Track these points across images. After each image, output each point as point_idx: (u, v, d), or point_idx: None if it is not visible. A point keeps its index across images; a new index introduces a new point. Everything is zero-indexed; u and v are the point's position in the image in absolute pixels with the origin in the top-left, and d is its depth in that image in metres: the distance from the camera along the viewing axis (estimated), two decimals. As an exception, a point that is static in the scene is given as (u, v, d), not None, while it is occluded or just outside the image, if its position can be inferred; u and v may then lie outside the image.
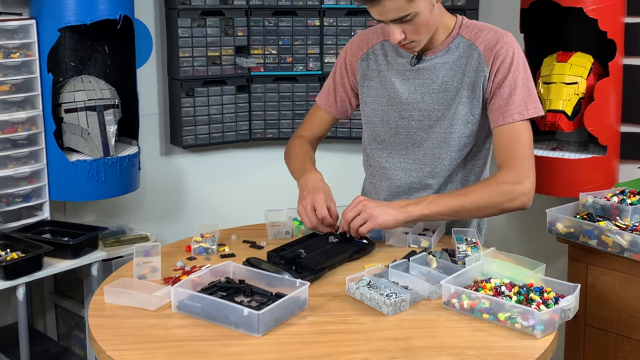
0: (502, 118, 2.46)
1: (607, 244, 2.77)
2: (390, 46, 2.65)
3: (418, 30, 2.42)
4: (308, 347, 1.90)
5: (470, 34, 2.55)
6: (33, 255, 3.15)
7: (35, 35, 3.40)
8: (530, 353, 1.87)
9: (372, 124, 2.71)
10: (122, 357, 1.86)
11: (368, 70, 2.69)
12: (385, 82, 2.65)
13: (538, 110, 2.48)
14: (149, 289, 2.16)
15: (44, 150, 3.50)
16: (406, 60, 2.61)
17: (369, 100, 2.70)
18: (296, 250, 2.35)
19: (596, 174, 3.40)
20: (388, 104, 2.65)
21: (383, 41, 2.67)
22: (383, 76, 2.65)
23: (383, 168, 2.72)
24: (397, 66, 2.62)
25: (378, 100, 2.67)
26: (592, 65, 3.40)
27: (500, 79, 2.47)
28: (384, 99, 2.65)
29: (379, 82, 2.67)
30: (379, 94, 2.67)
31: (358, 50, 2.72)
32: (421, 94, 2.58)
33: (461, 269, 2.20)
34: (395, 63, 2.63)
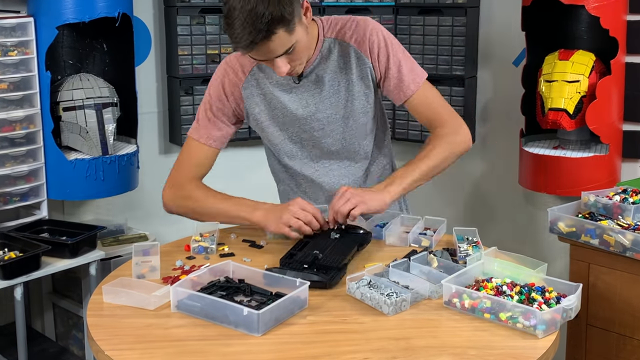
0: (403, 94, 2.60)
1: (609, 243, 2.77)
2: (266, 69, 2.60)
3: (300, 55, 2.43)
4: (308, 347, 1.90)
5: (335, 32, 2.59)
6: (31, 255, 3.15)
7: (34, 33, 3.41)
8: (531, 353, 1.87)
9: (276, 145, 2.69)
10: (121, 357, 1.86)
11: (255, 97, 2.63)
12: (275, 103, 2.62)
13: (424, 72, 2.64)
14: (147, 288, 2.16)
15: (42, 149, 3.50)
16: (288, 78, 2.58)
17: (265, 124, 2.66)
18: (310, 252, 2.33)
19: (598, 173, 3.40)
20: (284, 123, 2.64)
21: (258, 65, 2.60)
22: (270, 98, 2.62)
23: (307, 178, 2.73)
24: (281, 86, 2.60)
25: (274, 122, 2.65)
26: (594, 63, 3.40)
27: (384, 62, 2.57)
28: (279, 119, 2.64)
29: (269, 105, 2.63)
30: (272, 115, 2.64)
31: (237, 78, 2.63)
32: (314, 105, 2.60)
33: (462, 268, 2.20)
34: (278, 83, 2.60)
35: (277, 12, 2.24)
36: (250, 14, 2.22)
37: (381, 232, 2.57)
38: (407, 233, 2.55)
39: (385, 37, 2.58)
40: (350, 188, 2.47)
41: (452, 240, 2.52)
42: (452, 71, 3.98)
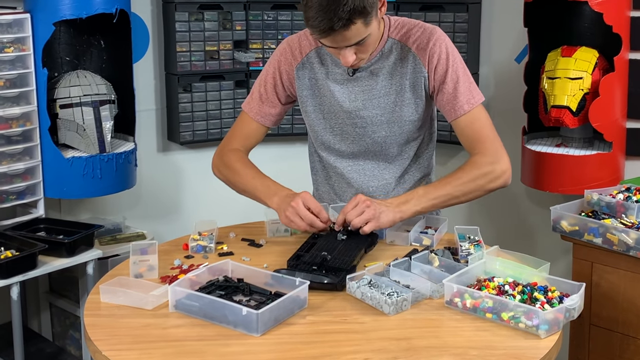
0: (454, 112, 2.55)
1: (612, 242, 2.77)
2: (322, 55, 2.64)
3: (368, 48, 2.45)
4: (308, 347, 1.90)
5: (400, 35, 2.59)
6: (27, 254, 3.15)
7: (30, 29, 3.40)
8: (534, 353, 1.87)
9: (316, 132, 2.72)
10: (118, 357, 1.86)
11: (306, 80, 2.66)
12: (324, 91, 2.64)
13: (481, 95, 2.60)
14: (145, 287, 2.16)
15: (39, 147, 3.49)
16: (342, 69, 2.61)
17: (309, 109, 2.69)
18: (318, 254, 2.32)
19: (601, 171, 3.40)
20: (330, 112, 2.66)
21: (316, 48, 2.65)
22: (321, 85, 2.64)
23: (339, 172, 2.74)
24: (335, 75, 2.62)
25: (319, 109, 2.67)
26: (597, 60, 3.40)
27: (441, 75, 2.55)
28: (325, 107, 2.66)
29: (318, 91, 2.66)
30: (319, 102, 2.67)
31: (293, 58, 2.67)
32: (362, 101, 2.61)
33: (464, 267, 2.20)
34: (333, 72, 2.62)
35: (359, 3, 2.27)
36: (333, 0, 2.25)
37: (382, 231, 2.57)
38: (408, 232, 2.55)
39: (448, 49, 2.56)
40: (367, 199, 2.43)
41: (454, 239, 2.52)
42: (454, 68, 3.98)
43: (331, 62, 2.63)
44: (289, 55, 2.68)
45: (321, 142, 2.73)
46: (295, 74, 2.67)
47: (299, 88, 2.68)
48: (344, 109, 2.63)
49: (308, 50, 2.66)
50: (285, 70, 2.69)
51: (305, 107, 2.70)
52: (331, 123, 2.67)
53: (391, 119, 2.62)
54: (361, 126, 2.64)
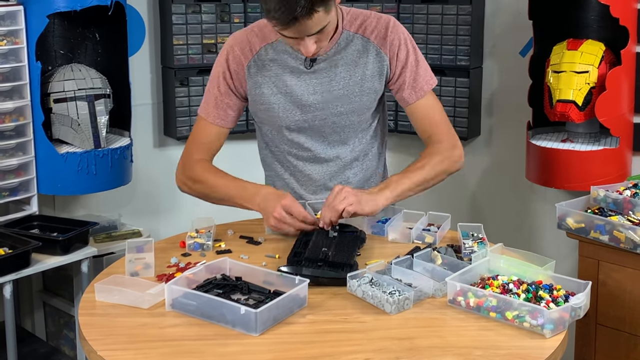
0: (415, 94, 2.66)
1: (619, 239, 2.77)
2: (276, 51, 2.64)
3: (327, 36, 2.48)
4: (308, 347, 1.90)
5: (356, 26, 2.64)
6: (21, 252, 3.15)
7: (23, 22, 3.40)
8: (539, 353, 1.87)
9: (274, 130, 2.72)
10: (114, 357, 1.86)
11: (257, 77, 2.65)
12: (279, 86, 2.64)
13: (435, 79, 2.73)
14: (141, 286, 2.16)
15: (32, 142, 3.50)
16: (299, 62, 2.62)
17: (264, 107, 2.67)
18: (318, 250, 2.32)
19: (608, 167, 3.40)
20: (286, 108, 2.66)
21: (266, 45, 2.64)
22: (276, 80, 2.64)
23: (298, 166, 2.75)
24: (291, 69, 2.63)
25: (275, 107, 2.66)
26: (603, 53, 3.39)
27: (403, 60, 2.64)
28: (281, 103, 2.65)
29: (273, 87, 2.64)
30: (275, 100, 2.65)
31: (242, 56, 2.65)
32: (321, 94, 2.63)
33: (467, 265, 2.20)
34: (288, 66, 2.63)
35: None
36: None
37: (383, 228, 2.57)
38: (410, 229, 2.55)
39: (406, 35, 2.66)
40: (346, 187, 2.47)
41: (457, 236, 2.52)
42: (457, 62, 3.98)
43: (286, 56, 2.63)
44: (238, 53, 2.65)
45: (280, 137, 2.72)
46: (246, 72, 2.65)
47: (251, 87, 2.66)
48: (302, 103, 2.64)
49: (259, 47, 2.65)
50: (234, 69, 2.66)
51: (258, 104, 2.68)
52: (288, 120, 2.67)
53: (351, 109, 2.66)
54: (321, 118, 2.66)
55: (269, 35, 2.63)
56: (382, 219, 2.64)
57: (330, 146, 2.72)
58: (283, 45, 2.61)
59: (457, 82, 4.01)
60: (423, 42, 4.04)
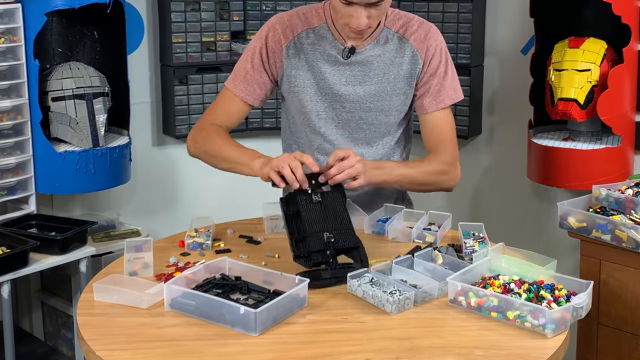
0: (435, 104, 2.69)
1: (621, 239, 2.77)
2: (316, 36, 2.66)
3: (380, 15, 2.53)
4: (307, 347, 1.90)
5: (397, 27, 2.68)
6: (18, 251, 3.15)
7: (21, 20, 3.40)
8: (540, 353, 1.87)
9: (300, 114, 2.72)
10: (112, 357, 1.86)
11: (294, 59, 2.67)
12: (314, 72, 2.67)
13: (461, 94, 2.76)
14: (140, 286, 2.16)
15: (30, 141, 3.49)
16: (336, 52, 2.65)
17: (296, 90, 2.69)
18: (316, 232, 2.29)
19: (610, 166, 3.40)
20: (317, 94, 2.68)
21: (308, 29, 2.67)
22: (312, 66, 2.66)
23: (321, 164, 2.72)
24: (328, 57, 2.66)
25: (306, 90, 2.68)
26: (605, 51, 3.39)
27: (434, 67, 2.68)
28: (312, 88, 2.68)
29: (308, 72, 2.67)
30: (307, 84, 2.68)
31: (282, 36, 2.68)
32: (353, 86, 2.66)
33: (468, 265, 2.20)
34: (325, 54, 2.66)
35: None
36: None
37: (384, 227, 2.57)
38: (411, 228, 2.55)
39: (443, 45, 2.71)
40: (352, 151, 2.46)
41: (458, 235, 2.52)
42: (458, 59, 3.97)
43: (325, 43, 2.65)
44: (279, 34, 2.68)
45: (305, 125, 2.73)
46: (284, 52, 2.67)
47: (287, 67, 2.68)
48: (334, 92, 2.66)
49: (299, 31, 2.67)
50: (272, 48, 2.69)
51: (291, 86, 2.70)
52: (317, 106, 2.69)
53: (380, 107, 2.68)
54: (349, 110, 2.68)
55: (312, 20, 2.66)
56: (382, 218, 2.64)
57: (354, 143, 2.72)
58: (325, 32, 2.64)
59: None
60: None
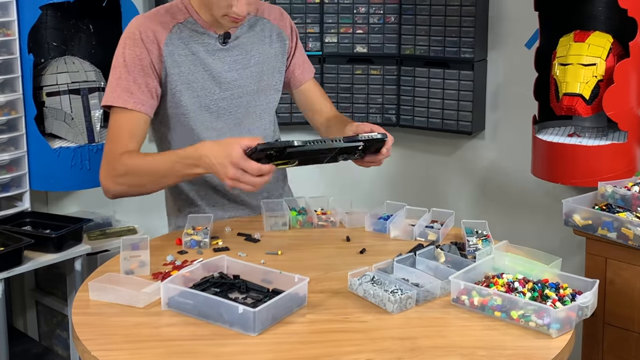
0: (309, 72, 2.95)
1: (627, 236, 2.77)
2: (187, 28, 2.63)
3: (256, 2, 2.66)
4: (307, 347, 1.90)
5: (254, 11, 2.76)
6: (12, 249, 3.15)
7: (15, 13, 3.40)
8: (545, 353, 1.87)
9: (187, 113, 2.65)
10: (108, 357, 1.86)
11: (175, 56, 2.60)
12: (197, 65, 2.64)
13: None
14: (137, 285, 2.16)
15: (24, 137, 3.49)
16: (212, 39, 2.68)
17: (182, 88, 2.62)
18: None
19: (616, 162, 3.39)
20: (205, 87, 2.66)
21: (177, 24, 2.63)
22: (192, 59, 2.63)
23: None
24: (206, 46, 2.67)
25: (193, 86, 2.64)
26: (611, 45, 3.39)
27: (295, 42, 2.89)
28: (199, 82, 2.65)
29: (191, 67, 2.63)
30: (193, 79, 2.64)
31: (157, 35, 2.58)
32: (237, 71, 2.72)
33: (471, 263, 2.20)
34: (203, 43, 2.66)
35: None
36: None
37: (385, 225, 2.57)
38: (413, 226, 2.55)
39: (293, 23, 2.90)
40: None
41: (461, 233, 2.52)
42: (461, 54, 3.97)
43: (198, 35, 2.64)
44: (151, 34, 2.58)
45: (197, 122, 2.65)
46: (164, 50, 2.58)
47: (170, 65, 2.59)
48: (220, 81, 2.68)
49: (171, 26, 2.62)
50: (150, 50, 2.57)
51: (176, 85, 2.61)
52: (207, 100, 2.67)
53: (259, 88, 2.77)
54: (237, 96, 2.72)
55: (177, 15, 2.64)
56: (383, 215, 2.64)
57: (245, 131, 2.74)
58: (193, 25, 2.64)
59: (460, 75, 4.00)
60: (426, 33, 4.04)
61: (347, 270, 2.21)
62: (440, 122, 4.08)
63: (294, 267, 2.24)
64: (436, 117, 4.05)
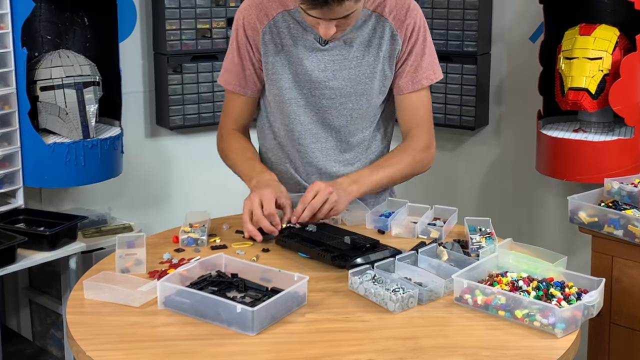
0: (412, 84, 2.69)
1: (634, 234, 2.77)
2: (292, 19, 2.65)
3: (350, 23, 2.50)
4: (307, 347, 1.90)
5: (375, 5, 2.65)
6: (5, 247, 3.15)
7: (8, 6, 3.39)
8: (550, 354, 1.87)
9: (280, 103, 2.72)
10: (103, 357, 1.86)
11: (272, 45, 2.67)
12: (291, 58, 2.66)
13: (440, 73, 2.76)
14: (132, 283, 2.16)
15: (18, 132, 3.49)
16: (313, 36, 2.65)
17: (274, 77, 2.69)
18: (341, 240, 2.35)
19: (622, 158, 3.40)
20: (295, 82, 2.68)
21: (283, 12, 2.66)
22: (288, 51, 2.66)
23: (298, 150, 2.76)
24: (304, 42, 2.65)
25: (284, 78, 2.68)
26: (617, 39, 3.39)
27: (411, 47, 2.67)
28: (291, 75, 2.68)
29: (285, 59, 2.67)
30: (286, 70, 2.68)
31: (258, 22, 2.66)
32: (332, 72, 2.66)
33: (475, 261, 2.20)
34: (302, 38, 2.65)
35: None
36: None
37: (387, 223, 2.57)
38: (415, 223, 2.54)
39: (422, 22, 2.69)
40: (327, 185, 2.51)
41: (464, 231, 2.52)
42: (464, 47, 3.97)
43: (301, 27, 2.64)
44: (254, 19, 2.67)
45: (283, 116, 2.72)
46: (261, 39, 2.67)
47: (264, 54, 2.68)
48: (312, 79, 2.66)
49: (274, 14, 2.66)
50: (250, 36, 2.68)
51: (269, 74, 2.70)
52: (295, 94, 2.69)
53: (360, 91, 2.68)
54: (329, 97, 2.68)
55: (286, 1, 2.64)
56: (385, 212, 2.64)
57: (333, 132, 2.73)
58: (300, 15, 2.59)
59: (464, 69, 4.00)
60: (429, 26, 4.02)
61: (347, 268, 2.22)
62: (443, 117, 4.08)
63: (294, 266, 2.24)
64: (439, 112, 4.05)
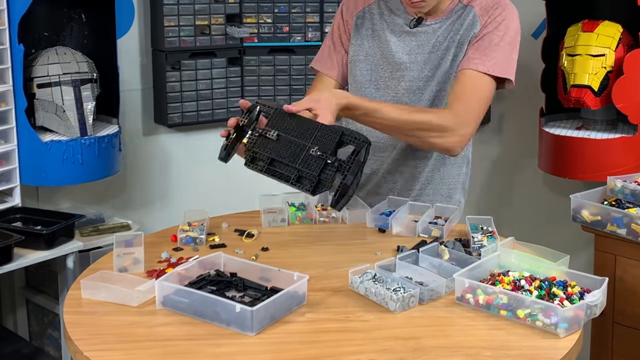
0: (467, 62, 2.62)
1: (637, 233, 2.77)
2: (386, 6, 2.76)
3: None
4: (307, 347, 1.90)
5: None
6: (2, 246, 3.14)
7: (5, 2, 3.39)
8: (552, 354, 1.87)
9: (358, 84, 2.78)
10: (101, 357, 1.86)
11: (362, 29, 2.79)
12: (379, 40, 2.76)
13: (509, 73, 2.65)
14: (130, 283, 2.16)
15: (14, 130, 3.49)
16: (404, 21, 2.73)
17: (358, 59, 2.79)
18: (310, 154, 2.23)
19: (626, 156, 3.40)
20: (378, 64, 2.76)
21: (379, 1, 2.77)
22: (377, 35, 2.77)
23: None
24: (394, 26, 2.74)
25: (368, 60, 2.78)
26: (621, 35, 3.39)
27: (485, 32, 2.62)
28: (375, 58, 2.77)
29: (372, 41, 2.78)
30: (371, 53, 2.78)
31: (354, 7, 2.82)
32: (415, 55, 2.71)
33: (476, 260, 2.20)
34: (392, 22, 2.76)
35: None
36: None
37: (387, 221, 2.57)
38: (416, 222, 2.54)
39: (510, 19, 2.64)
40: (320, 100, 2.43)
41: (465, 229, 2.52)
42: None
43: (392, 13, 2.75)
44: (352, 4, 2.83)
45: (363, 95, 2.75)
46: (353, 22, 2.80)
47: (353, 36, 2.80)
48: (395, 60, 2.72)
49: (371, 1, 2.79)
50: (346, 20, 2.83)
51: (354, 55, 2.80)
52: (377, 76, 2.76)
53: (437, 75, 2.69)
54: (408, 80, 2.72)
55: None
56: (385, 211, 2.64)
57: None
58: (396, 3, 2.73)
59: (465, 66, 3.99)
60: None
61: (348, 267, 2.21)
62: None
63: (293, 265, 2.24)
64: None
